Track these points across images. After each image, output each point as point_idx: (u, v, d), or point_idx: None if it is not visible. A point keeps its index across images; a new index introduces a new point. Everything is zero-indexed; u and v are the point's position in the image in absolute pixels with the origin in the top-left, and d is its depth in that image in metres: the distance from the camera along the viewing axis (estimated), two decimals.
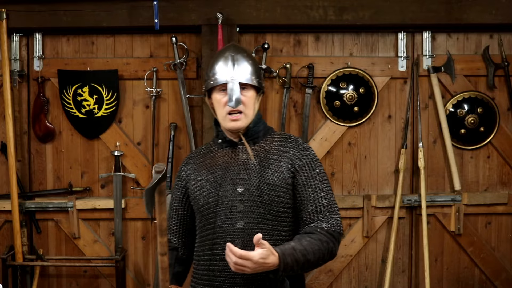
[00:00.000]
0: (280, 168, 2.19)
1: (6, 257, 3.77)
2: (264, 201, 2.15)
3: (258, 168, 2.19)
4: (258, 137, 2.27)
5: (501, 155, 4.04)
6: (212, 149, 2.32)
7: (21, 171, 3.98)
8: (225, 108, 2.19)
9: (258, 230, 2.12)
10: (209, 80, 2.23)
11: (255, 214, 2.14)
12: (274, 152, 2.23)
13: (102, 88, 3.90)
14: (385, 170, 4.03)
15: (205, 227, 2.21)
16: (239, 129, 2.22)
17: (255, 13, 3.76)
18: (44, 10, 3.77)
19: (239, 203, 2.15)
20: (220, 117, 2.23)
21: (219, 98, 2.21)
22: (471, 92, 3.98)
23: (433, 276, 4.00)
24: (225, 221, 2.15)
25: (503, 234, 4.08)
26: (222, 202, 2.17)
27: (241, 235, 2.13)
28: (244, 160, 2.21)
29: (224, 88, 2.20)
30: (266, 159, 2.21)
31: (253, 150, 2.24)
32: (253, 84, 2.22)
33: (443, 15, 3.80)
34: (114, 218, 3.90)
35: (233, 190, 2.17)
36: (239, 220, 2.14)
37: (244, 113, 2.19)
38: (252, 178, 2.17)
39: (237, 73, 2.19)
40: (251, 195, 2.15)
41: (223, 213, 2.16)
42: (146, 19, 3.74)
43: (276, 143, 2.27)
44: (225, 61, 2.22)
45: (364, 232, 3.99)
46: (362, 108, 3.96)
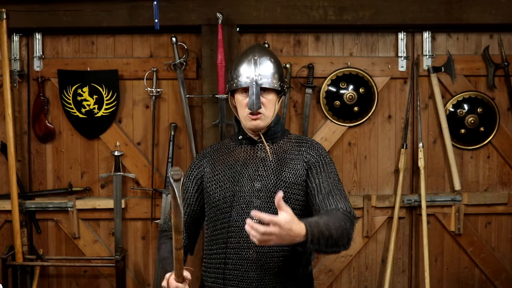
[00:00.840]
0: (296, 166, 2.27)
1: (6, 257, 3.77)
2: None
3: (276, 166, 2.27)
4: (276, 137, 2.36)
5: (501, 155, 4.04)
6: (230, 145, 2.39)
7: (21, 171, 3.98)
8: (246, 110, 2.28)
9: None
10: (232, 81, 2.33)
11: (271, 210, 2.18)
12: (291, 152, 2.31)
13: (102, 88, 3.90)
14: (385, 170, 4.03)
15: (219, 221, 2.26)
16: (259, 129, 2.30)
17: (255, 13, 3.76)
18: (44, 10, 3.77)
19: (256, 198, 2.21)
20: (241, 116, 2.32)
21: (241, 99, 2.30)
22: (471, 92, 3.98)
23: (433, 276, 4.00)
24: (241, 216, 2.20)
25: (503, 234, 4.08)
26: (239, 197, 2.23)
27: None
28: (262, 158, 2.29)
29: (246, 90, 2.29)
30: (283, 158, 2.29)
31: (271, 149, 2.32)
32: (274, 87, 2.30)
33: (443, 15, 3.80)
34: (114, 218, 3.90)
35: (251, 185, 2.23)
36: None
37: (264, 114, 2.28)
38: (270, 175, 2.24)
39: (259, 76, 2.28)
40: (269, 191, 2.21)
41: (240, 207, 2.21)
42: (146, 19, 3.74)
43: (293, 144, 2.35)
44: (248, 64, 2.31)
45: (364, 232, 3.99)
46: (362, 108, 3.96)
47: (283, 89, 2.35)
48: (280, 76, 2.34)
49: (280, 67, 2.37)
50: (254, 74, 2.29)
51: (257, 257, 2.18)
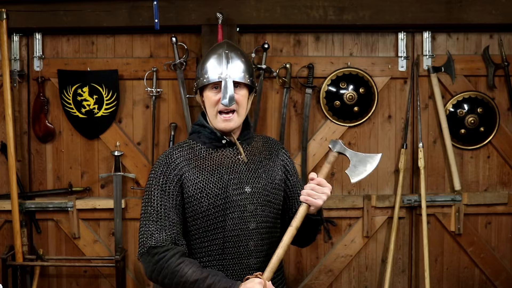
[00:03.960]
0: (275, 167, 2.23)
1: (6, 257, 3.77)
2: (270, 200, 2.18)
3: (260, 167, 2.19)
4: (250, 137, 2.25)
5: (501, 155, 4.04)
6: (202, 149, 2.19)
7: (21, 171, 3.98)
8: (217, 107, 2.13)
9: (267, 229, 2.16)
10: (201, 78, 2.17)
11: (264, 213, 2.15)
12: (265, 152, 2.25)
13: (102, 88, 3.90)
14: (385, 170, 4.03)
15: (210, 231, 2.12)
16: (231, 129, 2.16)
17: (255, 13, 3.76)
18: (44, 10, 3.77)
19: (249, 203, 2.13)
20: (210, 116, 2.17)
21: (210, 96, 2.15)
22: (471, 92, 3.98)
23: (433, 276, 4.00)
24: (237, 223, 2.11)
25: (503, 234, 4.08)
26: (232, 204, 2.11)
27: (254, 236, 2.13)
28: (243, 160, 2.19)
29: (216, 86, 2.14)
30: (262, 159, 2.22)
31: (248, 150, 2.22)
32: (247, 82, 2.17)
33: (443, 15, 3.80)
34: (114, 218, 3.90)
35: (242, 190, 2.13)
36: (251, 221, 2.12)
37: (237, 112, 2.14)
38: (258, 177, 2.17)
39: (231, 71, 2.13)
40: (260, 194, 2.15)
41: (235, 215, 2.11)
42: (146, 19, 3.74)
43: (262, 143, 2.29)
44: (219, 59, 2.16)
45: (364, 232, 3.99)
46: (362, 108, 3.96)
47: (254, 86, 2.22)
48: (251, 73, 2.20)
49: (251, 64, 2.23)
50: (226, 68, 2.14)
51: (257, 263, 2.14)
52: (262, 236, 2.14)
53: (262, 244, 2.14)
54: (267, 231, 2.16)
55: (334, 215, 3.99)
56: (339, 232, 4.04)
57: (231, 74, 2.13)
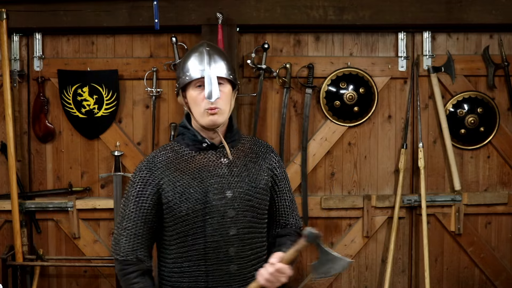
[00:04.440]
0: (261, 171, 2.17)
1: (6, 257, 3.77)
2: (253, 205, 2.12)
3: (243, 171, 2.13)
4: (235, 139, 2.19)
5: (501, 155, 4.04)
6: (185, 152, 2.14)
7: (21, 171, 3.97)
8: (203, 104, 2.07)
9: (249, 234, 2.11)
10: (183, 76, 2.12)
11: (246, 219, 2.09)
12: (251, 155, 2.19)
13: (102, 88, 3.90)
14: (385, 170, 4.03)
15: (190, 236, 2.07)
16: (217, 125, 2.09)
17: (255, 13, 3.76)
18: (44, 10, 3.77)
19: (230, 209, 2.07)
20: (197, 114, 2.10)
21: (195, 95, 2.09)
22: (471, 92, 3.98)
23: (433, 276, 4.00)
24: (217, 229, 2.06)
25: (503, 234, 4.08)
26: (212, 208, 2.05)
27: (235, 242, 2.08)
28: (227, 164, 2.12)
29: (200, 84, 2.09)
30: (247, 162, 2.16)
31: (233, 153, 2.15)
32: (230, 78, 2.12)
33: (443, 15, 3.80)
34: (114, 218, 3.90)
35: (222, 195, 2.07)
36: (232, 226, 2.07)
37: (221, 108, 2.08)
38: (240, 182, 2.10)
39: (214, 67, 2.09)
40: (242, 199, 2.09)
41: (214, 220, 2.05)
42: (146, 19, 3.74)
43: (250, 145, 2.23)
44: (200, 56, 2.11)
45: (364, 232, 3.99)
46: (362, 108, 3.96)
47: (237, 82, 2.18)
48: (233, 70, 2.16)
49: (231, 61, 2.18)
50: (209, 64, 2.09)
51: (238, 269, 2.10)
52: (244, 242, 2.09)
53: (244, 250, 2.09)
54: (250, 237, 2.11)
55: (334, 215, 3.99)
56: (339, 232, 4.04)
57: (213, 70, 2.08)
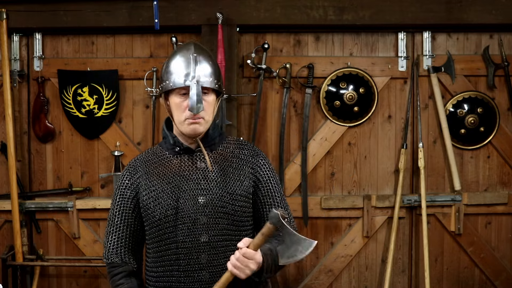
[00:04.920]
0: (240, 176, 2.10)
1: (6, 257, 3.77)
2: (227, 212, 2.05)
3: (219, 177, 2.07)
4: (214, 143, 2.14)
5: (501, 155, 4.04)
6: (163, 155, 2.13)
7: (21, 171, 3.98)
8: (185, 113, 2.02)
9: (223, 242, 2.05)
10: (167, 81, 2.05)
11: (220, 226, 2.03)
12: (232, 160, 2.12)
13: (102, 88, 3.90)
14: (385, 170, 4.03)
15: (163, 242, 2.06)
16: (197, 134, 2.06)
17: (255, 13, 3.76)
18: (44, 10, 3.77)
19: (201, 215, 2.02)
20: (178, 121, 2.06)
21: (178, 101, 2.04)
22: (471, 92, 3.98)
23: (433, 276, 4.00)
24: (188, 236, 2.02)
25: (503, 234, 4.08)
26: (183, 215, 2.03)
27: (207, 249, 2.03)
28: (203, 169, 2.07)
29: (184, 91, 2.03)
30: (225, 167, 2.10)
31: (211, 157, 2.10)
32: (215, 88, 2.06)
33: (443, 15, 3.80)
34: None
35: (194, 201, 2.03)
36: (203, 233, 2.02)
37: (204, 119, 2.04)
38: (214, 188, 2.05)
39: (199, 75, 2.02)
40: (214, 206, 2.03)
41: (185, 226, 2.02)
42: (146, 19, 3.74)
43: (233, 149, 2.16)
44: (187, 61, 2.05)
45: (364, 232, 3.99)
46: (362, 108, 3.96)
47: (222, 90, 2.11)
48: (218, 76, 2.09)
49: (218, 67, 2.12)
50: (194, 73, 2.02)
51: (211, 277, 2.03)
52: (217, 249, 2.03)
53: (216, 258, 2.04)
54: (223, 244, 2.04)
55: (334, 215, 3.99)
56: (339, 232, 4.04)
57: (199, 80, 2.02)
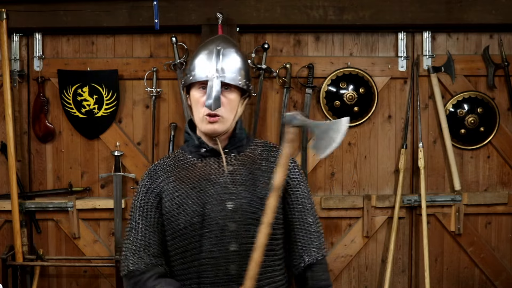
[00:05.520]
0: (270, 180, 1.93)
1: (6, 257, 3.77)
2: (258, 218, 1.87)
3: (248, 180, 1.93)
4: (242, 145, 2.00)
5: (501, 155, 4.04)
6: (186, 159, 1.99)
7: (21, 171, 3.97)
8: (203, 109, 1.89)
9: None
10: (188, 75, 1.94)
11: (250, 233, 1.87)
12: (260, 162, 1.99)
13: (102, 88, 3.90)
14: (385, 170, 4.03)
15: (188, 252, 1.90)
16: (215, 133, 1.92)
17: (255, 13, 3.76)
18: (44, 10, 3.77)
19: (230, 222, 1.87)
20: (197, 118, 1.94)
21: (197, 96, 1.91)
22: (471, 92, 3.98)
23: (433, 276, 4.00)
24: (215, 244, 1.87)
25: (503, 234, 4.08)
26: (210, 221, 1.87)
27: (236, 259, 1.88)
28: (230, 172, 1.94)
29: (204, 85, 1.90)
30: (254, 170, 1.96)
31: (238, 160, 1.97)
32: (238, 85, 1.91)
33: (443, 15, 3.80)
34: (114, 218, 3.90)
35: (222, 207, 1.88)
36: (232, 241, 1.87)
37: (223, 116, 1.89)
38: (243, 192, 1.91)
39: (222, 70, 1.89)
40: (244, 212, 1.89)
41: (213, 234, 1.87)
42: (146, 19, 3.74)
43: (261, 151, 2.02)
44: (209, 55, 1.91)
45: (364, 232, 3.99)
46: (362, 108, 3.96)
47: (248, 89, 1.95)
48: (246, 73, 1.94)
49: (247, 64, 1.97)
50: (216, 66, 1.88)
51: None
52: (247, 259, 1.83)
53: (246, 269, 1.83)
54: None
55: (334, 215, 3.99)
56: (339, 232, 4.04)
57: (220, 74, 1.88)
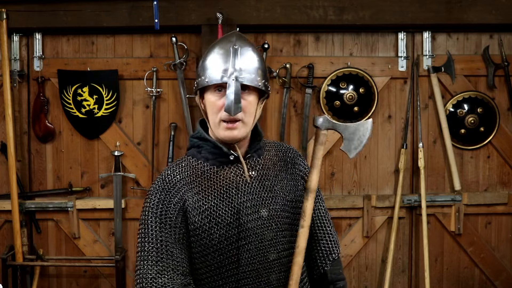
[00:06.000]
0: (294, 181, 1.87)
1: (6, 257, 3.77)
2: (292, 223, 1.82)
3: (276, 184, 1.82)
4: (261, 147, 1.88)
5: (501, 155, 4.04)
6: (205, 168, 1.81)
7: (21, 171, 3.97)
8: (220, 114, 1.74)
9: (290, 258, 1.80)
10: (202, 76, 1.76)
11: (285, 239, 1.79)
12: (280, 164, 1.89)
13: (102, 88, 3.90)
14: (385, 170, 4.03)
15: (224, 268, 1.76)
16: (234, 140, 1.77)
17: (255, 13, 3.77)
18: (44, 10, 3.77)
19: (267, 230, 1.76)
20: (212, 123, 1.78)
21: (213, 100, 1.75)
22: (471, 92, 3.98)
23: (433, 276, 4.00)
24: (255, 256, 1.74)
25: (503, 234, 4.08)
26: (247, 232, 1.74)
27: (276, 269, 1.78)
28: (256, 178, 1.81)
29: (220, 88, 1.74)
30: (277, 172, 1.86)
31: (260, 164, 1.84)
32: (258, 86, 1.75)
33: (443, 15, 3.80)
34: (114, 218, 3.90)
35: (258, 215, 1.76)
36: (271, 250, 1.77)
37: (243, 121, 1.75)
38: (274, 197, 1.80)
39: (240, 71, 1.72)
40: (279, 217, 1.78)
41: (252, 246, 1.74)
42: (146, 19, 3.74)
43: (276, 152, 1.92)
44: (225, 54, 1.74)
45: (364, 232, 3.99)
46: (362, 108, 3.96)
47: (267, 90, 1.80)
48: (264, 73, 1.78)
49: (264, 63, 1.82)
50: (234, 67, 1.72)
51: None
52: (287, 266, 1.79)
53: (286, 276, 1.79)
54: (291, 261, 1.80)
55: (334, 215, 3.99)
56: (339, 232, 4.04)
57: (239, 75, 1.72)
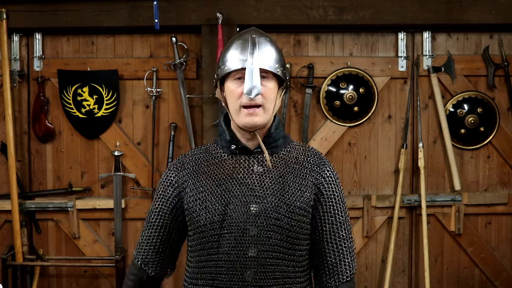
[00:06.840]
0: (302, 187, 1.83)
1: (6, 257, 3.77)
2: (282, 225, 1.78)
3: (277, 184, 1.81)
4: (277, 146, 1.86)
5: (501, 155, 4.04)
6: (217, 154, 1.87)
7: (21, 171, 3.97)
8: (240, 100, 1.76)
9: (272, 259, 1.79)
10: (222, 66, 1.80)
11: (271, 240, 1.78)
12: (294, 166, 1.86)
13: (102, 88, 3.90)
14: (385, 170, 4.03)
15: (205, 251, 1.81)
16: (255, 127, 1.78)
17: (255, 13, 3.77)
18: (44, 10, 3.77)
19: (252, 226, 1.76)
20: (232, 111, 1.80)
21: (232, 88, 1.78)
22: (471, 92, 3.98)
23: (433, 276, 4.00)
24: (234, 247, 1.76)
25: (503, 234, 4.08)
26: (231, 222, 1.77)
27: (253, 265, 1.77)
28: (260, 173, 1.81)
29: (239, 76, 1.77)
30: (285, 174, 1.83)
31: (271, 161, 1.84)
32: (277, 72, 1.78)
33: (443, 15, 3.80)
34: (114, 218, 3.90)
35: (246, 209, 1.77)
36: (251, 246, 1.77)
37: (264, 107, 1.77)
38: (269, 196, 1.79)
39: (258, 57, 1.76)
40: (268, 217, 1.77)
41: (232, 236, 1.76)
42: (146, 19, 3.74)
43: (297, 155, 1.89)
44: (244, 44, 1.79)
45: (364, 232, 3.99)
46: (362, 108, 3.96)
47: (286, 79, 1.84)
48: (282, 64, 1.82)
49: (282, 55, 1.85)
50: (251, 54, 1.77)
51: None
52: (265, 267, 1.78)
53: (263, 277, 1.78)
54: (273, 263, 1.79)
55: None
56: None
57: (257, 61, 1.76)
